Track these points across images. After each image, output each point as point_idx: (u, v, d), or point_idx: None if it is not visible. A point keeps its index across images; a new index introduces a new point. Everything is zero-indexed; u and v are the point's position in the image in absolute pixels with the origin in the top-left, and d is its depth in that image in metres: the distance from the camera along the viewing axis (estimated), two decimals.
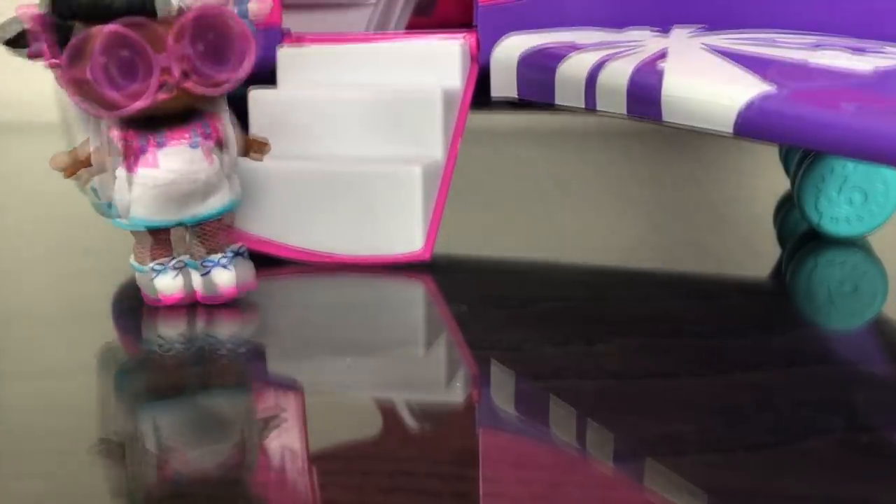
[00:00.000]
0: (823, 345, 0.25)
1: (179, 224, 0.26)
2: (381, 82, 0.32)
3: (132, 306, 0.27)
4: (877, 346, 0.25)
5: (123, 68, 0.23)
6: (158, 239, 0.26)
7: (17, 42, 0.24)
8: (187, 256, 0.27)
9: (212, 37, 0.24)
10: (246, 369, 0.23)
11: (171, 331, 0.25)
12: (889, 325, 0.27)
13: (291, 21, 0.34)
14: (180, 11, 0.23)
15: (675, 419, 0.19)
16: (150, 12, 0.23)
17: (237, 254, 0.27)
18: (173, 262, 0.26)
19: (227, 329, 0.25)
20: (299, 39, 0.34)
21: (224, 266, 0.26)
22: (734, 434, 0.19)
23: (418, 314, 0.28)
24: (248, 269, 0.27)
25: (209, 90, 0.24)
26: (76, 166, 0.26)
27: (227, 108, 0.26)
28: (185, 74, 0.24)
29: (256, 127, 0.32)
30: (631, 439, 0.19)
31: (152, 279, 0.26)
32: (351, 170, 0.30)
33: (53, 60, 0.24)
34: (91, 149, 0.25)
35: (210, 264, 0.26)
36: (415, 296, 0.29)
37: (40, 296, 0.29)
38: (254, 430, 0.20)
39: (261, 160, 0.28)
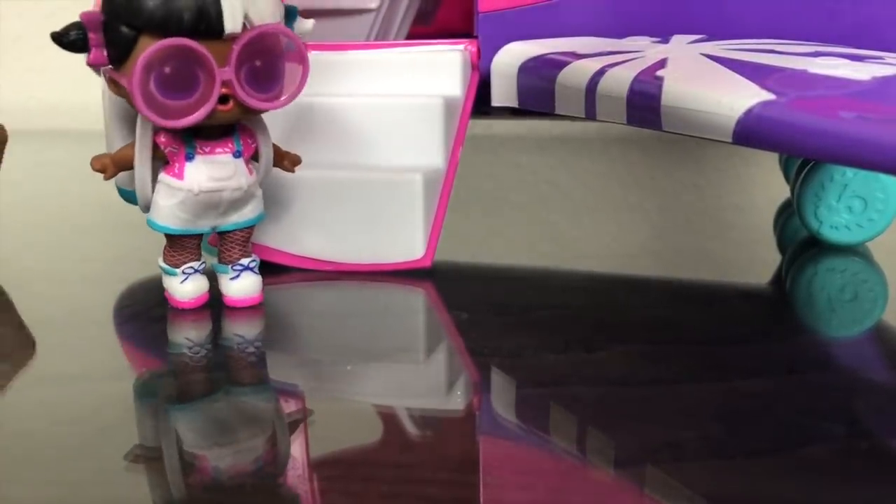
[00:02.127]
0: (824, 352, 0.25)
1: (213, 231, 0.27)
2: (382, 90, 0.33)
3: (134, 312, 0.27)
4: (877, 353, 0.25)
5: (187, 80, 0.24)
6: (191, 244, 0.27)
7: (77, 46, 0.24)
8: (214, 260, 0.28)
9: (270, 54, 0.25)
10: (249, 375, 0.23)
11: (176, 337, 0.25)
12: (889, 333, 0.27)
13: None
14: (244, 28, 0.24)
15: (675, 426, 0.19)
16: (218, 30, 0.24)
17: (246, 268, 0.27)
18: (201, 266, 0.27)
19: (230, 336, 0.26)
20: None
21: (253, 270, 0.28)
22: (734, 440, 0.19)
23: (419, 321, 0.28)
24: (255, 282, 0.28)
25: (265, 105, 0.25)
26: (116, 169, 0.26)
27: (264, 121, 0.27)
28: (243, 90, 0.25)
29: None
30: (631, 445, 0.19)
31: (182, 282, 0.27)
32: (352, 177, 0.30)
33: (105, 66, 0.24)
34: (134, 152, 0.26)
35: (239, 269, 0.27)
36: (416, 303, 0.29)
37: (46, 302, 0.29)
38: (256, 435, 0.20)
39: (293, 171, 0.29)
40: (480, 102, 0.33)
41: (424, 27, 0.43)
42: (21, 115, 0.64)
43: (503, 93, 0.32)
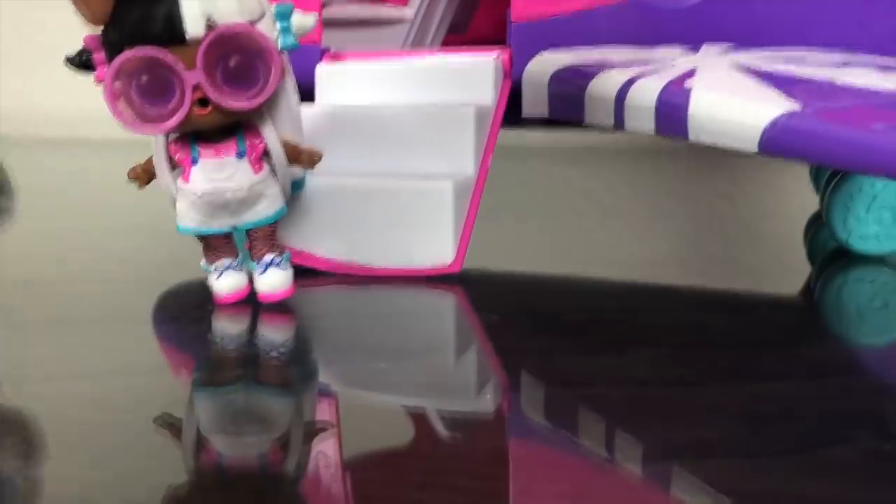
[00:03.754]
0: (851, 358, 0.25)
1: (234, 230, 0.28)
2: (415, 98, 0.33)
3: (173, 314, 0.28)
4: None
5: (163, 87, 0.25)
6: (217, 243, 0.28)
7: (87, 65, 0.26)
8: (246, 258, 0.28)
9: (238, 53, 0.25)
10: (281, 372, 0.24)
11: (215, 333, 0.26)
12: None
13: (330, 38, 0.35)
14: (209, 30, 0.25)
15: (701, 426, 0.20)
16: (181, 35, 0.24)
17: (271, 263, 0.28)
18: (233, 263, 0.28)
19: (267, 335, 0.26)
20: (338, 56, 0.35)
21: (278, 266, 0.28)
22: (759, 441, 0.19)
23: (449, 323, 0.28)
24: (282, 278, 0.28)
25: (239, 104, 0.25)
26: (147, 177, 0.28)
27: (269, 118, 0.27)
28: (218, 90, 0.25)
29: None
30: (658, 445, 0.19)
31: (217, 279, 0.28)
32: (385, 185, 0.31)
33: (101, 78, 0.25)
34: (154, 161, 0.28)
35: (264, 266, 0.28)
36: (446, 306, 0.30)
37: (87, 302, 0.30)
38: (293, 428, 0.20)
39: (311, 169, 0.29)
40: (511, 112, 0.33)
41: (458, 36, 0.44)
42: (63, 124, 0.66)
43: (534, 103, 0.32)
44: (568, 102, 0.31)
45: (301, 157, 0.28)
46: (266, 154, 0.27)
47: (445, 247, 0.31)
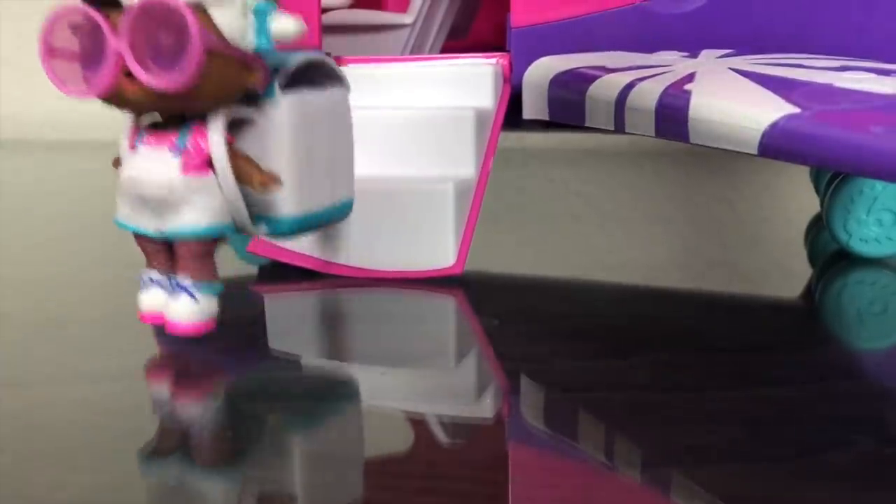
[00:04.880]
0: (851, 362, 0.25)
1: (162, 237, 0.24)
2: (415, 103, 0.33)
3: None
4: None
5: (95, 51, 0.23)
6: (147, 247, 0.25)
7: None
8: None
9: (169, 29, 0.22)
10: (283, 378, 0.24)
11: (207, 340, 0.26)
12: None
13: (330, 44, 0.35)
14: None
15: (700, 431, 0.20)
16: None
17: (184, 288, 0.24)
18: (161, 279, 0.25)
19: (265, 339, 0.26)
20: (339, 61, 0.34)
21: (191, 295, 0.24)
22: (759, 446, 0.19)
23: (450, 327, 0.28)
24: (190, 310, 0.24)
25: (156, 81, 0.22)
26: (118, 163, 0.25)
27: (222, 125, 0.24)
28: (140, 62, 0.22)
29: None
30: (657, 449, 0.19)
31: (140, 291, 0.25)
32: (386, 188, 0.31)
33: None
34: None
35: (179, 288, 0.24)
36: (447, 309, 0.30)
37: (85, 304, 0.30)
38: (291, 432, 0.20)
39: (262, 193, 0.24)
40: (512, 115, 0.33)
41: (459, 41, 0.44)
42: (60, 127, 0.66)
43: (534, 105, 0.32)
44: (568, 105, 0.31)
45: (252, 178, 0.24)
46: (209, 161, 0.24)
47: (447, 248, 0.31)
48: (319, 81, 0.28)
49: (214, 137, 0.24)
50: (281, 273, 0.32)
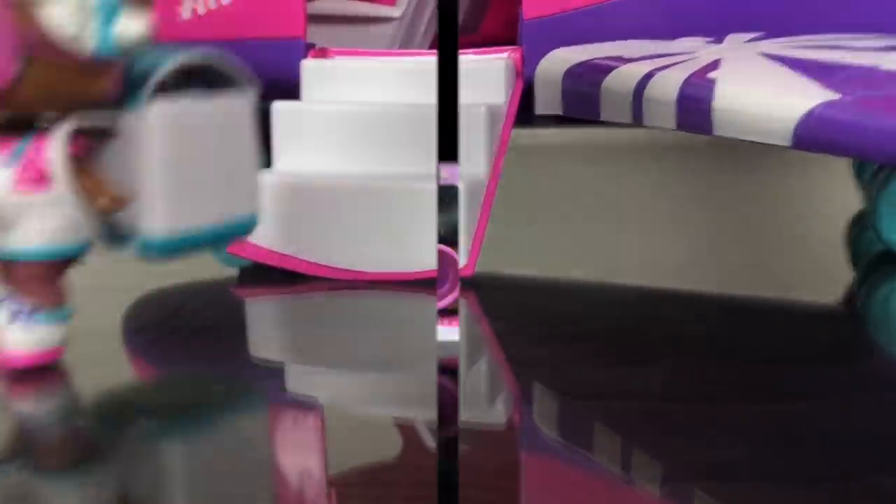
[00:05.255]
0: None
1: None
2: (425, 99, 0.33)
3: (143, 324, 0.27)
4: None
5: None
6: None
7: None
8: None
9: None
10: (299, 379, 0.24)
11: (186, 346, 0.25)
12: None
13: (314, 34, 0.35)
14: None
15: (727, 446, 0.18)
16: None
17: (17, 314, 0.22)
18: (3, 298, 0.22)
19: (260, 343, 0.26)
20: (324, 53, 0.34)
21: (28, 321, 0.22)
22: (791, 464, 0.18)
23: (461, 330, 0.27)
24: (24, 337, 0.22)
25: None
26: None
27: (64, 137, 0.22)
28: None
29: (283, 140, 0.32)
30: (678, 464, 0.18)
31: None
32: (395, 186, 0.31)
33: None
34: None
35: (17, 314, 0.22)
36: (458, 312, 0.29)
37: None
38: (284, 437, 0.20)
39: (106, 211, 0.22)
40: (525, 111, 0.33)
41: (471, 36, 0.44)
42: None
43: (547, 100, 0.32)
44: (583, 99, 0.30)
45: (95, 197, 0.22)
46: (43, 176, 0.22)
47: (457, 249, 0.30)
48: (222, 84, 0.24)
49: (52, 150, 0.22)
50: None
